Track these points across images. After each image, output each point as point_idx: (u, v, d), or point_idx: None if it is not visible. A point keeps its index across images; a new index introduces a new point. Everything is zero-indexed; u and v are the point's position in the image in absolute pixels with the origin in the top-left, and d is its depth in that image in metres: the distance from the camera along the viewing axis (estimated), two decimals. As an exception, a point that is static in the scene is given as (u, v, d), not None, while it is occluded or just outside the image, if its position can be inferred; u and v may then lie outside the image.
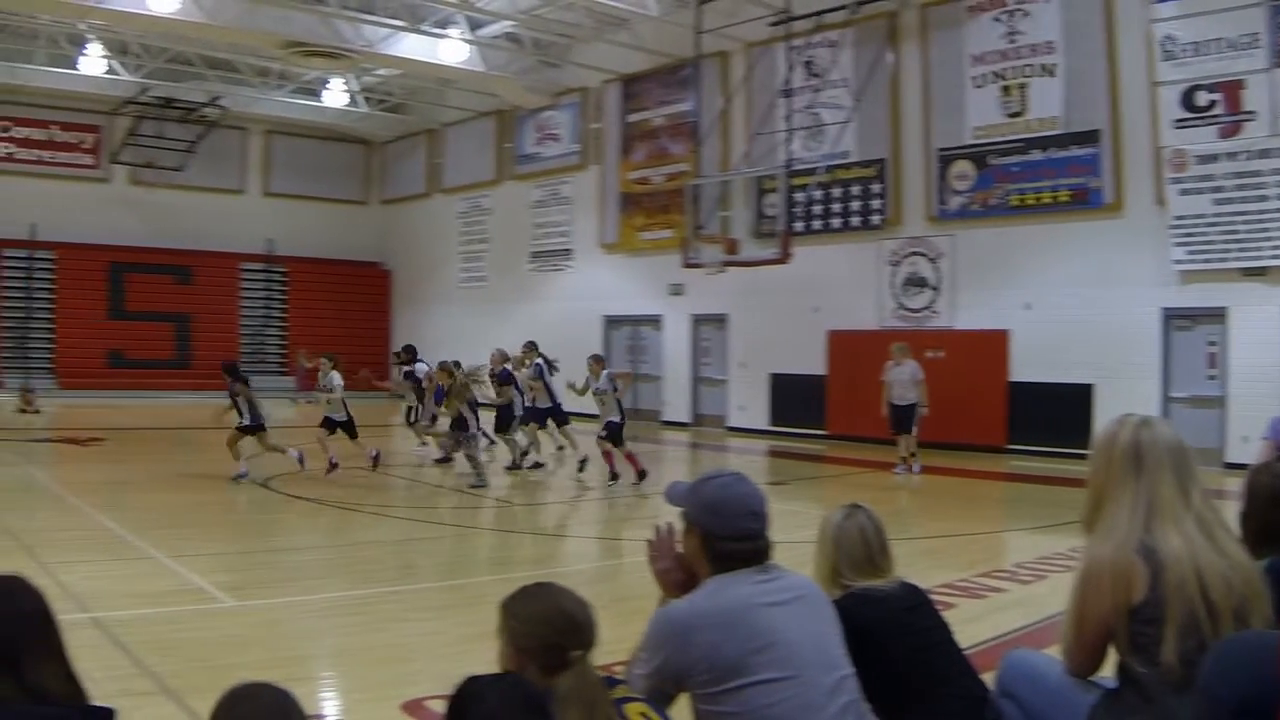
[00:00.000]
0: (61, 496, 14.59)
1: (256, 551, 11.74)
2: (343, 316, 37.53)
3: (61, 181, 35.08)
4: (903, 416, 18.37)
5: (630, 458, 16.78)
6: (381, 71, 32.92)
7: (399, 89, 35.49)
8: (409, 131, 37.89)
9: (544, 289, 32.06)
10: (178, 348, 35.62)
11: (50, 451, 20.84)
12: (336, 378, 17.20)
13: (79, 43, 31.38)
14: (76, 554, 10.74)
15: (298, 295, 38.47)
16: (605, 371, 17.92)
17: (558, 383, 19.41)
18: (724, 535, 3.43)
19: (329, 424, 17.27)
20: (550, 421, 19.33)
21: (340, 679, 7.23)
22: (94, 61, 31.83)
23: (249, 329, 37.48)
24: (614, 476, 16.61)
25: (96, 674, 5.36)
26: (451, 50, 27.90)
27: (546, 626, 3.06)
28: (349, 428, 17.37)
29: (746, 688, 3.24)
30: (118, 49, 31.99)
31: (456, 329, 34.29)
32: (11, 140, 34.58)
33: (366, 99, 36.05)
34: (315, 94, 35.16)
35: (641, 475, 16.46)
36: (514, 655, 3.08)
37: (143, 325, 34.93)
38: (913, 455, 18.38)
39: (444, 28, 27.42)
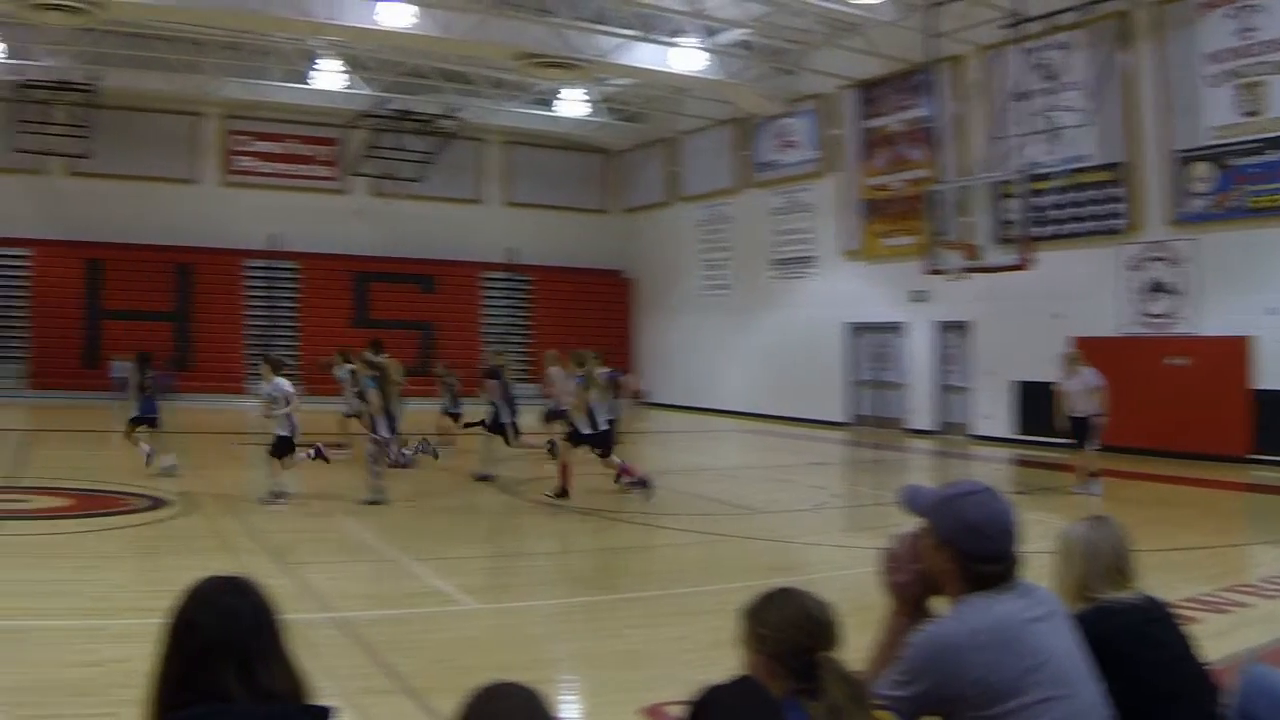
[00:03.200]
0: (307, 500, 16.33)
1: (499, 555, 13.39)
2: (585, 324, 41.30)
3: (301, 194, 40.49)
4: (1080, 429, 18.85)
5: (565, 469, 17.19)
6: (618, 81, 36.82)
7: (636, 98, 39.52)
8: (647, 140, 42.00)
9: (786, 297, 35.36)
10: (421, 355, 39.95)
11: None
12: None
13: (313, 58, 36.51)
14: (321, 556, 12.48)
15: (540, 303, 42.79)
16: (603, 370, 18.32)
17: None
18: (981, 556, 3.54)
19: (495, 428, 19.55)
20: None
21: (580, 682, 8.20)
22: (330, 76, 36.90)
23: (492, 337, 41.59)
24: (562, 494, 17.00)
25: (339, 672, 7.47)
26: (685, 59, 31.25)
27: (795, 631, 3.36)
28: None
29: (1020, 710, 3.35)
30: (353, 63, 36.95)
31: (698, 337, 38.41)
32: (251, 154, 40.24)
33: (604, 108, 40.17)
34: (551, 105, 39.50)
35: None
36: (763, 662, 3.34)
37: (386, 333, 39.22)
38: (1092, 474, 18.57)
39: (677, 36, 30.77)
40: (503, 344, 41.51)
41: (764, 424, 33.59)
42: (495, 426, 19.63)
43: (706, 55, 31.60)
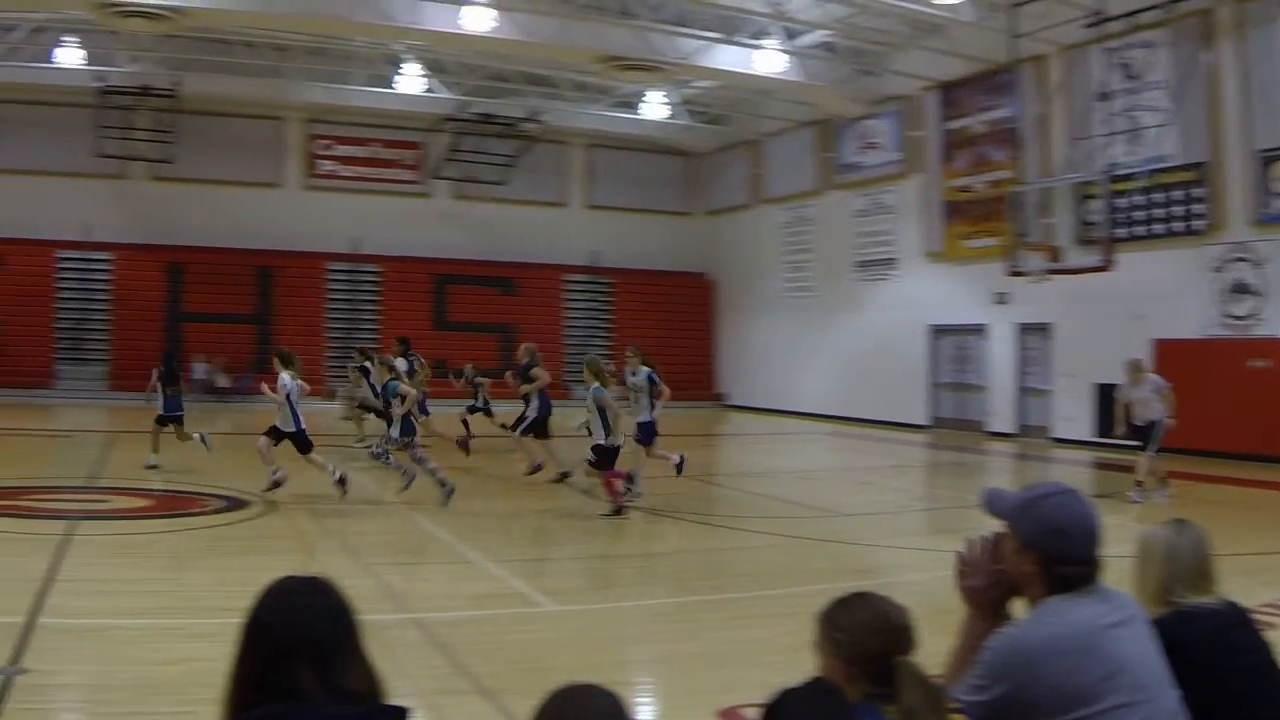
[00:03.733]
0: (387, 501, 16.70)
1: (578, 558, 13.52)
2: (667, 327, 42.36)
3: (384, 197, 41.55)
4: (1143, 436, 18.70)
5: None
6: (700, 83, 37.52)
7: (718, 100, 40.21)
8: (730, 143, 42.69)
9: (868, 298, 35.85)
10: (502, 358, 40.71)
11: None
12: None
13: (396, 63, 37.65)
14: (400, 557, 12.87)
15: (623, 306, 43.62)
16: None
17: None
18: (1065, 559, 3.57)
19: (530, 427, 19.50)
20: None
21: (657, 684, 8.42)
22: (412, 80, 37.98)
23: (573, 339, 42.55)
24: (629, 481, 16.94)
25: (416, 672, 7.74)
26: (768, 61, 31.80)
27: (874, 635, 3.37)
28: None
29: (1096, 716, 3.37)
30: (435, 68, 38.01)
31: (779, 339, 39.07)
32: (334, 158, 41.41)
33: (686, 111, 40.91)
34: (634, 107, 40.30)
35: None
36: (841, 666, 3.36)
37: (467, 336, 40.21)
38: (1160, 480, 18.56)
39: (759, 38, 31.39)
40: (591, 344, 42.68)
41: (844, 426, 34.06)
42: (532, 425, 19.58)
43: (788, 57, 32.09)
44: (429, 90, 38.57)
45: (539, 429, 19.72)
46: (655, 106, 40.06)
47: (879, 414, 33.91)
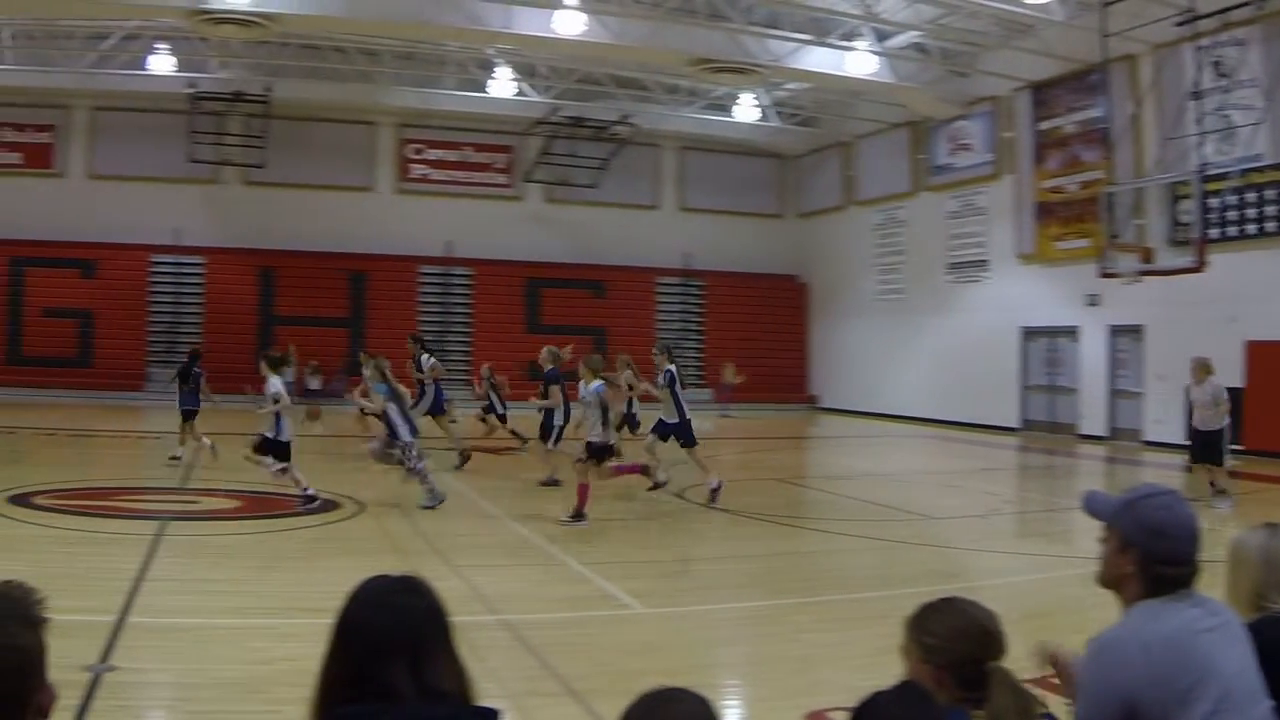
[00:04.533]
0: (477, 503, 17.04)
1: (668, 560, 13.73)
2: (759, 329, 43.08)
3: (476, 200, 42.46)
4: (1202, 444, 18.58)
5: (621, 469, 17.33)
6: (791, 85, 38.06)
7: (810, 102, 40.71)
8: (821, 144, 43.13)
9: (960, 301, 36.14)
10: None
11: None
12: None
13: (487, 67, 38.45)
14: (490, 559, 12.99)
15: (715, 308, 44.11)
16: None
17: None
18: (1166, 559, 3.58)
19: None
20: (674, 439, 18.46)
21: (745, 687, 8.58)
22: (503, 84, 38.74)
23: (666, 342, 42.56)
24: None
25: (505, 674, 7.96)
26: (859, 62, 32.17)
27: (964, 640, 3.42)
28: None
29: None
30: (526, 71, 38.84)
31: (871, 342, 39.56)
32: (426, 162, 42.38)
33: (778, 113, 41.37)
34: (726, 109, 40.77)
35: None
36: (930, 672, 3.41)
37: (559, 339, 40.40)
38: (1221, 491, 18.11)
39: (850, 40, 31.74)
40: (683, 347, 43.11)
41: (935, 429, 34.42)
42: (545, 429, 19.44)
43: (879, 58, 32.46)
44: (520, 94, 39.35)
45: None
46: (747, 109, 40.52)
47: (970, 416, 34.18)
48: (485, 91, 39.00)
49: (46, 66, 36.08)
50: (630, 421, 22.45)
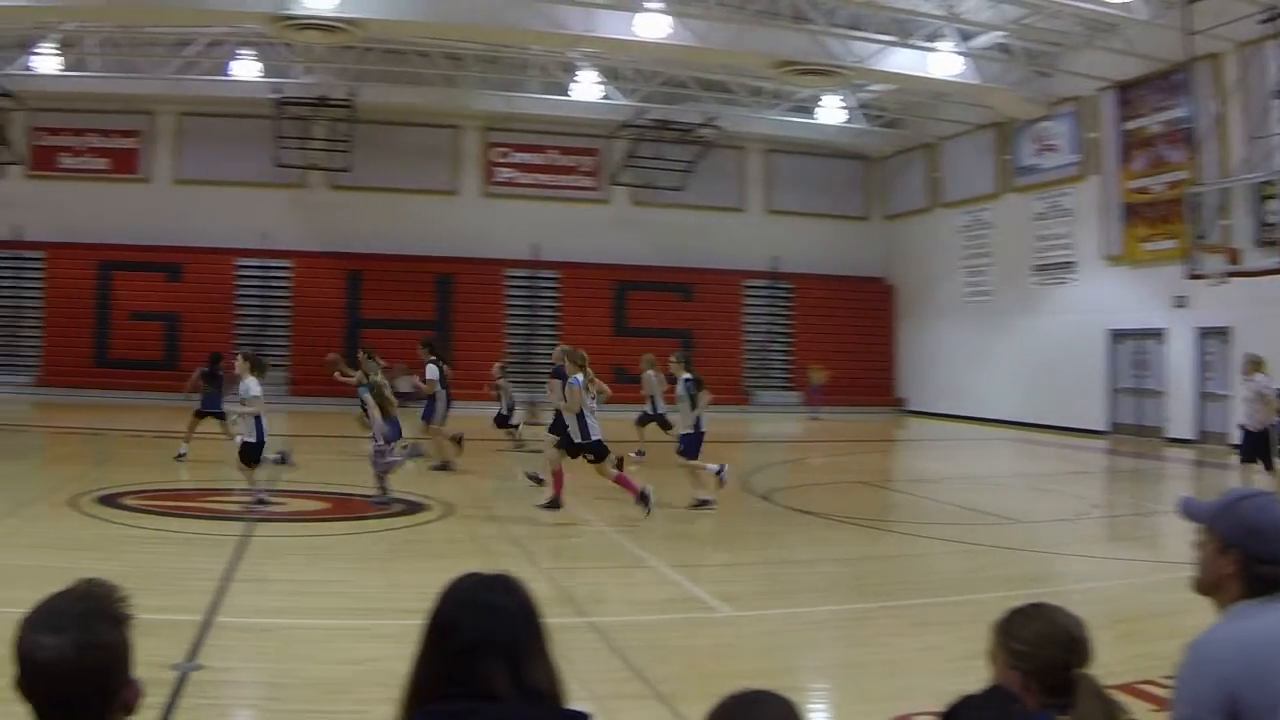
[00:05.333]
0: (566, 506, 16.59)
1: (755, 563, 13.63)
2: (846, 332, 43.19)
3: (562, 204, 42.97)
4: (1250, 444, 18.45)
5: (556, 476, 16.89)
6: (876, 87, 38.15)
7: (894, 104, 40.80)
8: (907, 146, 43.28)
9: (1047, 303, 36.07)
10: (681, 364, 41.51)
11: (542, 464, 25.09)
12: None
13: (571, 70, 38.95)
14: (577, 561, 13.34)
15: (802, 311, 44.28)
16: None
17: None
18: (1267, 559, 3.57)
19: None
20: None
21: (832, 691, 8.68)
22: (588, 87, 39.22)
23: (753, 344, 43.70)
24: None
25: (591, 676, 7.92)
26: (943, 63, 32.26)
27: (1052, 647, 3.43)
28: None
29: None
30: (610, 74, 39.32)
31: (957, 344, 39.64)
32: (511, 165, 42.98)
33: (863, 114, 41.54)
34: (810, 111, 40.98)
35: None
36: (1017, 677, 3.41)
37: (646, 342, 40.77)
38: None
39: (933, 41, 31.84)
40: (770, 351, 43.39)
41: (1022, 432, 34.34)
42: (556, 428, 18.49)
43: (963, 59, 32.50)
44: (605, 97, 39.81)
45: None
46: (832, 110, 40.63)
47: (1057, 419, 34.14)
48: (569, 94, 39.50)
49: (132, 73, 37.09)
50: (661, 421, 22.32)
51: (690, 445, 17.47)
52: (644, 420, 22.55)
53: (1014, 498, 20.99)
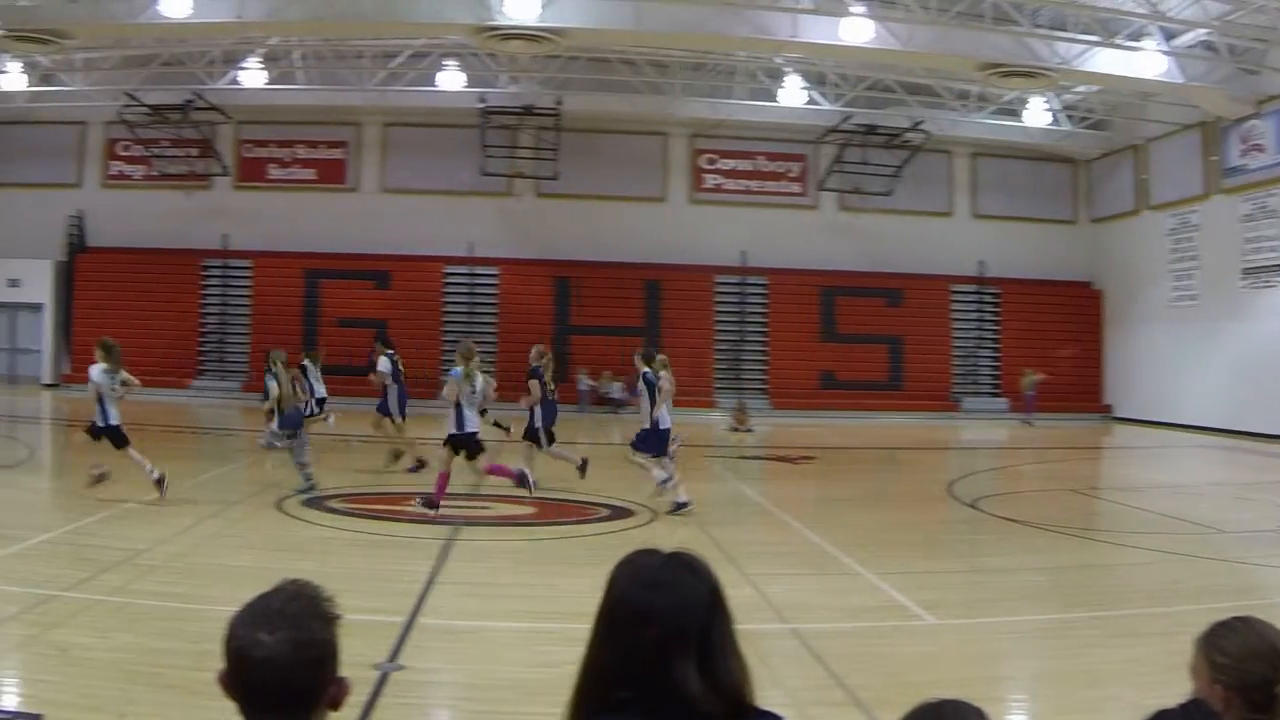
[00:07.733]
0: (770, 512, 17.51)
1: (961, 571, 13.74)
2: (1054, 337, 43.15)
3: (770, 210, 43.87)
4: None
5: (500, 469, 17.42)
6: (1081, 88, 38.26)
7: (1100, 105, 40.79)
8: (1113, 148, 42.97)
9: (1257, 307, 35.62)
10: (890, 369, 42.12)
11: (761, 469, 25.61)
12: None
13: (777, 76, 39.68)
14: (781, 567, 13.11)
15: (1009, 316, 44.36)
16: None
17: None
18: None
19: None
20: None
21: (1031, 702, 8.71)
22: (793, 93, 39.82)
23: (961, 350, 43.99)
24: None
25: (792, 682, 8.28)
26: (1148, 62, 32.13)
27: (1257, 661, 3.34)
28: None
29: None
30: (816, 80, 40.01)
31: (1163, 349, 39.34)
32: (719, 172, 44.02)
33: (1068, 116, 41.56)
34: (1016, 114, 41.03)
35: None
36: (1220, 692, 3.35)
37: (854, 347, 42.16)
38: None
39: (1138, 40, 31.80)
40: (978, 355, 43.58)
41: (1230, 439, 33.93)
42: (529, 432, 19.34)
43: (1168, 58, 32.37)
44: (811, 102, 40.46)
45: (533, 436, 19.32)
46: (1037, 113, 40.56)
47: (1267, 427, 33.52)
48: (776, 100, 40.14)
49: (338, 85, 39.22)
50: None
51: (646, 441, 17.57)
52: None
53: (1219, 507, 20.58)
